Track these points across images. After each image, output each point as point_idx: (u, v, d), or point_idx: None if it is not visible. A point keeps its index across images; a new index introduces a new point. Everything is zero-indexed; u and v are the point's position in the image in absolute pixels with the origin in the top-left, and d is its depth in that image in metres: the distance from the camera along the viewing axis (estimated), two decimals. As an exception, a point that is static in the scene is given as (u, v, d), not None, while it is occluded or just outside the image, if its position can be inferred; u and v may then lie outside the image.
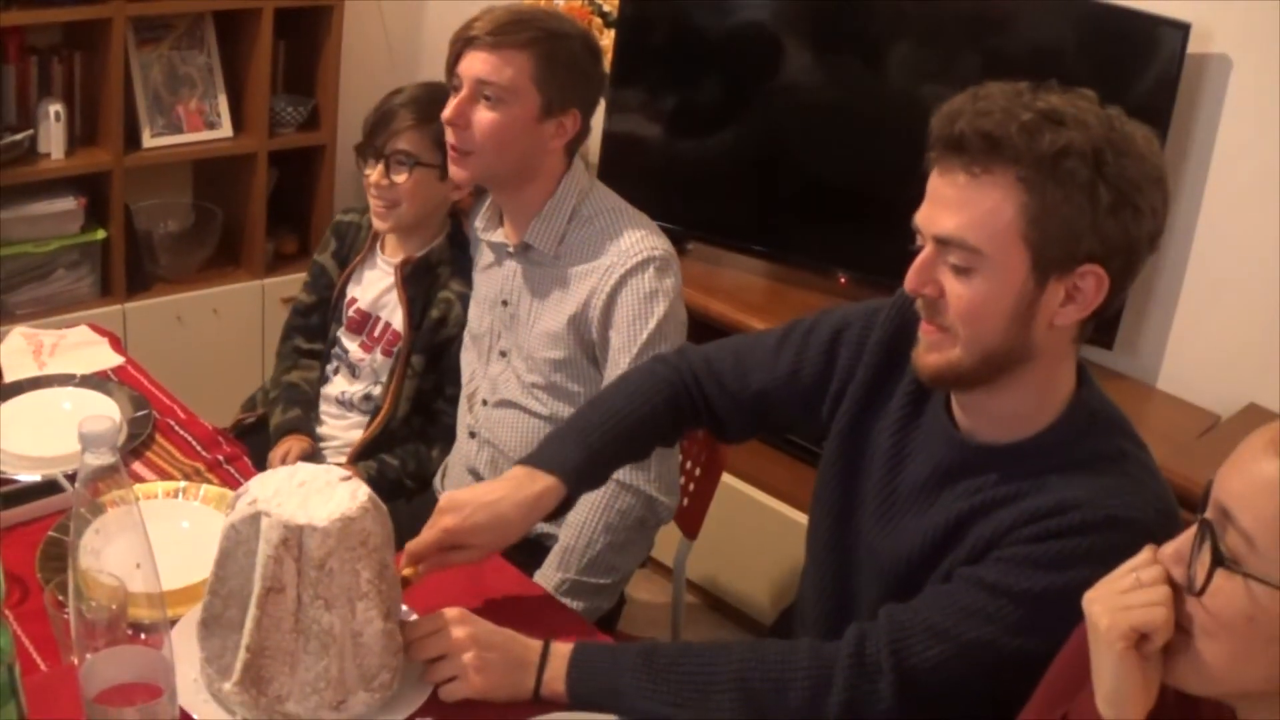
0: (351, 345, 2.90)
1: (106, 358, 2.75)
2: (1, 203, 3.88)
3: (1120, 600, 1.34)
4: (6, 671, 1.48)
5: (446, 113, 2.43)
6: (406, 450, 2.83)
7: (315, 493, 1.69)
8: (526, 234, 2.51)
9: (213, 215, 4.39)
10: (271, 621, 1.66)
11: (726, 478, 3.03)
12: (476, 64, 2.40)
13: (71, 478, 1.99)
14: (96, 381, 2.60)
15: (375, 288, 2.88)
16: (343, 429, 2.90)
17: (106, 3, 3.79)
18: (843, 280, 3.59)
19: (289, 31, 4.31)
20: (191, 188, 4.55)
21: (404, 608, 1.87)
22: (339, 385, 2.92)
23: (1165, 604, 1.32)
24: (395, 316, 2.84)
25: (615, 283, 2.41)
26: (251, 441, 2.79)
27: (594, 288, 2.44)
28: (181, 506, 2.21)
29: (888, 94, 3.50)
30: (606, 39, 3.90)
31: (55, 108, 3.87)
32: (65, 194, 4.00)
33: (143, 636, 1.58)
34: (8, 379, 2.61)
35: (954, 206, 1.64)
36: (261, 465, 2.61)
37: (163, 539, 1.67)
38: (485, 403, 2.64)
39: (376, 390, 2.86)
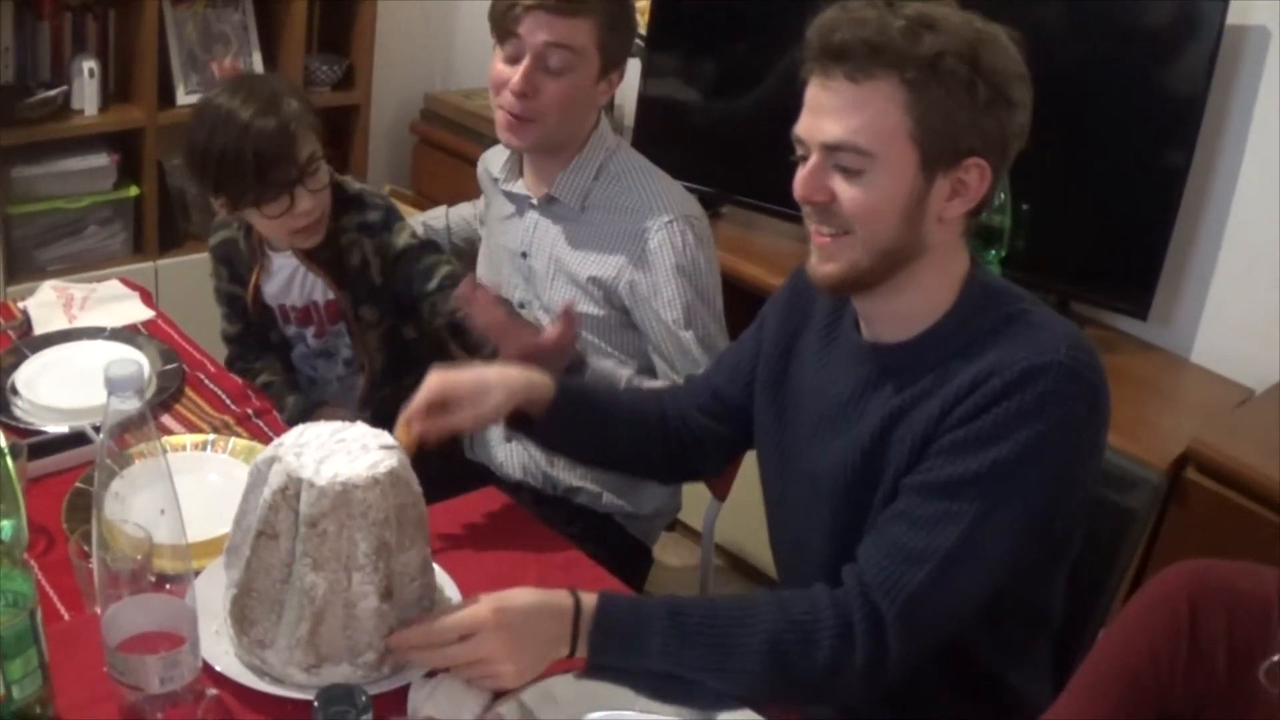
0: (310, 338, 2.78)
1: (137, 312, 2.76)
2: (35, 159, 3.90)
3: None
4: (28, 617, 1.48)
5: (516, 83, 2.36)
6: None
7: (343, 452, 1.65)
8: (553, 187, 2.49)
9: (245, 174, 4.37)
10: (261, 565, 1.64)
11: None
12: (543, 28, 2.34)
13: (99, 430, 2.00)
14: (126, 335, 2.61)
15: (292, 281, 2.69)
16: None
17: (141, -41, 3.80)
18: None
19: (324, -10, 4.30)
20: (225, 146, 4.53)
21: (445, 578, 1.84)
22: (325, 372, 2.84)
23: None
24: (318, 288, 2.68)
25: (649, 240, 2.40)
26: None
27: (625, 244, 2.43)
28: (209, 459, 2.22)
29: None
30: (643, 1, 3.88)
31: (89, 64, 3.87)
32: (98, 150, 4.02)
33: (167, 587, 1.58)
34: (38, 332, 2.62)
35: (840, 112, 1.70)
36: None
37: (190, 491, 1.67)
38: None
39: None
